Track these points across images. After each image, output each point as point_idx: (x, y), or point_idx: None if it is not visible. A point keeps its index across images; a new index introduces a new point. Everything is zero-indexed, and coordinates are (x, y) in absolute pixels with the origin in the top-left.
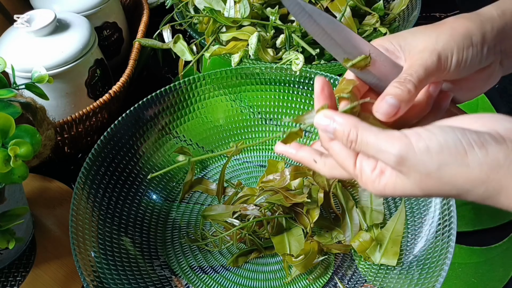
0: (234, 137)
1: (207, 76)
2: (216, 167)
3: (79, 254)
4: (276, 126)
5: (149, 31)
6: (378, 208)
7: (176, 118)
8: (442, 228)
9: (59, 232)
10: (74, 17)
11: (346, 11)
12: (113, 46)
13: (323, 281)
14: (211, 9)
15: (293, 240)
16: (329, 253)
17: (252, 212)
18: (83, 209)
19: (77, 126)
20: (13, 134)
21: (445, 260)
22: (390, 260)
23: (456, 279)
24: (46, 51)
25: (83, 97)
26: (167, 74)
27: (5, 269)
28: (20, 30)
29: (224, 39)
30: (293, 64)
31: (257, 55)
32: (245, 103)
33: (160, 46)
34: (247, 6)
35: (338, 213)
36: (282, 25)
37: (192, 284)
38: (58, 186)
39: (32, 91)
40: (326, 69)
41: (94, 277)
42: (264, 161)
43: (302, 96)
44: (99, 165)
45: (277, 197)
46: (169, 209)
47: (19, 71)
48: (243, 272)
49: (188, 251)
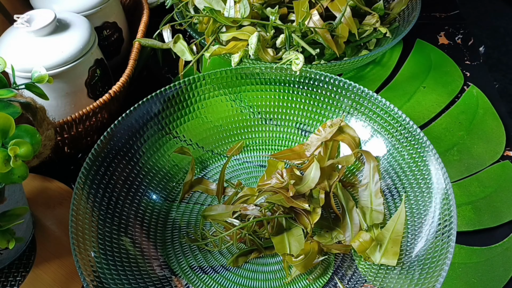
0: (234, 137)
1: (207, 76)
2: (216, 167)
3: (79, 254)
4: (276, 126)
5: (149, 31)
6: (378, 208)
7: (176, 118)
8: (442, 228)
9: (59, 232)
10: (74, 17)
11: (346, 11)
12: (113, 46)
13: (323, 281)
14: (211, 9)
15: (293, 240)
16: (329, 253)
17: (252, 212)
18: (83, 209)
19: (77, 126)
20: (13, 134)
21: (445, 260)
22: (390, 260)
23: (456, 279)
24: (46, 51)
25: (83, 97)
26: (167, 74)
27: (5, 269)
28: (20, 30)
29: (224, 39)
30: (293, 64)
31: (257, 55)
32: (245, 103)
33: (160, 46)
34: (247, 6)
35: (339, 213)
36: (282, 25)
37: (192, 284)
38: (58, 186)
39: (32, 91)
40: (326, 69)
41: (94, 277)
42: (264, 161)
43: (302, 96)
44: (99, 165)
45: (277, 197)
46: (169, 209)
47: (19, 71)
48: (243, 272)
49: (188, 251)
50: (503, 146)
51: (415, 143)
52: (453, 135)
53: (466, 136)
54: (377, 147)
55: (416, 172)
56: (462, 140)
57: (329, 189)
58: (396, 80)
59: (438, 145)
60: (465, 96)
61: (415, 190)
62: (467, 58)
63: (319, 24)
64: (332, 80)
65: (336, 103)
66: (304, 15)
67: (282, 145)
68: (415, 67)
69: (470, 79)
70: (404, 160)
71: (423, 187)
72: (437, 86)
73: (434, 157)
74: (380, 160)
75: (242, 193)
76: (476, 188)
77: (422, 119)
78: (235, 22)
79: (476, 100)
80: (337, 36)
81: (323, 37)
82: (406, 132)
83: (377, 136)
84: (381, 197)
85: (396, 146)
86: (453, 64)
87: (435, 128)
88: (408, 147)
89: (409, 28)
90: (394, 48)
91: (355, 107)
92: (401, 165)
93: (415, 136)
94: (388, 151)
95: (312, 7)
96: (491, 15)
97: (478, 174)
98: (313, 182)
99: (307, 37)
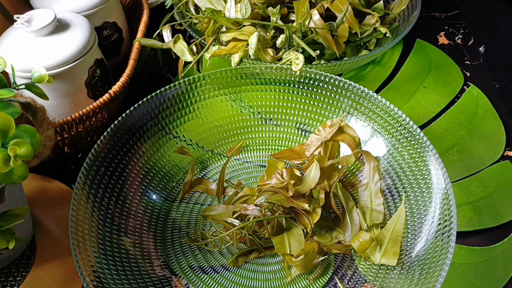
0: (234, 137)
1: (207, 76)
2: (216, 167)
3: (79, 254)
4: (276, 126)
5: (149, 31)
6: (378, 208)
7: (176, 118)
8: (442, 228)
9: (59, 232)
10: (74, 17)
11: (347, 10)
12: (113, 46)
13: (323, 281)
14: (212, 10)
15: (293, 240)
16: (329, 253)
17: (252, 212)
18: (83, 209)
19: (77, 126)
20: (13, 134)
21: (445, 260)
22: (390, 260)
23: (456, 279)
24: (46, 51)
25: (83, 97)
26: (167, 74)
27: (5, 269)
28: (20, 30)
29: (225, 39)
30: (293, 64)
31: (257, 55)
32: (245, 103)
33: (160, 46)
34: (248, 6)
35: (339, 213)
36: (284, 26)
37: (192, 284)
38: (58, 186)
39: (32, 91)
40: (326, 69)
41: (94, 277)
42: (264, 161)
43: (302, 96)
44: (99, 165)
45: (277, 197)
46: (169, 209)
47: (19, 71)
48: (243, 272)
49: (188, 251)
50: (503, 146)
51: (415, 143)
52: (453, 135)
53: (466, 136)
54: (377, 147)
55: (416, 172)
56: (462, 140)
57: (329, 189)
58: (396, 80)
59: (438, 145)
60: (465, 96)
61: (415, 190)
62: (467, 58)
63: (320, 24)
64: (332, 80)
65: (336, 103)
66: (304, 15)
67: (282, 145)
68: (415, 67)
69: (470, 79)
70: (404, 160)
71: (423, 187)
72: (437, 86)
73: (434, 157)
74: (380, 160)
75: (242, 193)
76: (476, 188)
77: (422, 119)
78: (236, 24)
79: (476, 100)
80: (337, 36)
81: (323, 38)
82: (406, 132)
83: (377, 136)
84: (381, 197)
85: (396, 146)
86: (453, 64)
87: (435, 128)
88: (408, 147)
89: (409, 28)
90: (394, 48)
91: (355, 107)
92: (401, 165)
93: (415, 136)
94: (388, 151)
95: (312, 7)
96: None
97: (478, 174)
98: (313, 182)
99: (307, 37)
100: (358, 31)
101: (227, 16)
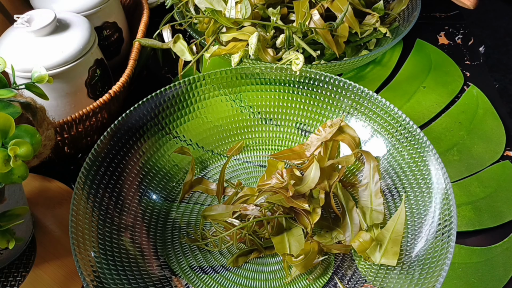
0: (234, 137)
1: (207, 76)
2: (216, 167)
3: (79, 254)
4: (276, 126)
5: (149, 31)
6: (378, 208)
7: (176, 118)
8: (442, 228)
9: (59, 232)
10: (74, 17)
11: (347, 10)
12: (113, 46)
13: (323, 281)
14: (212, 10)
15: (293, 240)
16: (329, 253)
17: (252, 212)
18: (83, 209)
19: (77, 126)
20: (13, 134)
21: (445, 260)
22: (390, 260)
23: (456, 279)
24: (46, 51)
25: (83, 97)
26: (167, 74)
27: (5, 269)
28: (20, 30)
29: (225, 39)
30: (293, 64)
31: (257, 55)
32: (245, 103)
33: (160, 46)
34: (248, 7)
35: (339, 213)
36: (284, 26)
37: (192, 284)
38: (58, 186)
39: (32, 91)
40: (326, 69)
41: (94, 277)
42: (264, 161)
43: (302, 96)
44: (99, 165)
45: (277, 197)
46: (169, 209)
47: (19, 71)
48: (243, 272)
49: (188, 251)
50: (503, 146)
51: (415, 143)
52: (453, 135)
53: (466, 136)
54: (377, 147)
55: (416, 172)
56: (462, 140)
57: (329, 189)
58: (396, 80)
59: (438, 145)
60: (465, 96)
61: (415, 190)
62: (467, 58)
63: (320, 24)
64: (332, 80)
65: (336, 103)
66: (304, 15)
67: (282, 145)
68: (415, 67)
69: (470, 79)
70: (404, 160)
71: (423, 187)
72: (437, 86)
73: (434, 157)
74: (380, 160)
75: (242, 193)
76: (476, 188)
77: (422, 119)
78: (236, 24)
79: (476, 100)
80: (337, 36)
81: (323, 38)
82: (406, 132)
83: (377, 136)
84: (381, 197)
85: (396, 146)
86: (453, 64)
87: (435, 128)
88: (408, 147)
89: (409, 28)
90: (394, 48)
91: (355, 107)
92: (401, 165)
93: (415, 136)
94: (388, 151)
95: (312, 7)
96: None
97: (478, 174)
98: (313, 182)
99: (307, 37)
100: (358, 31)
101: (227, 17)
